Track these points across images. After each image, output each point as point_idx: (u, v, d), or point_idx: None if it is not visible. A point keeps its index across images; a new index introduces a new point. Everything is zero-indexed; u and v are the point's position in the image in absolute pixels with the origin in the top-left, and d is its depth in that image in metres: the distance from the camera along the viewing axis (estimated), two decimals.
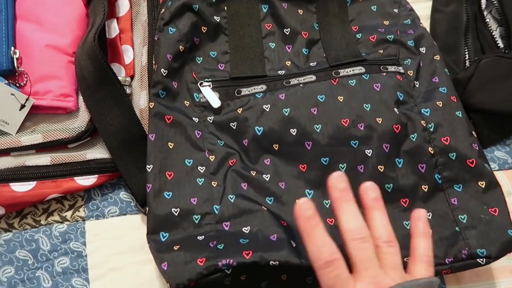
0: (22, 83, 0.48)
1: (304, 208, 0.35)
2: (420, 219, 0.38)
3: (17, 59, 0.48)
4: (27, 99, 0.47)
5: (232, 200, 0.45)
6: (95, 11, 0.50)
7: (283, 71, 0.51)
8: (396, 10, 0.55)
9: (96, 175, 0.48)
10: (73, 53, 0.50)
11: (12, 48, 0.48)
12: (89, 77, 0.47)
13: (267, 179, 0.46)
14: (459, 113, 0.49)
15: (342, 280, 0.34)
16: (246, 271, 0.43)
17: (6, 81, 0.47)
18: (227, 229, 0.44)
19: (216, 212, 0.44)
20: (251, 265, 0.40)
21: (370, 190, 0.37)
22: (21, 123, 0.48)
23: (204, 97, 0.49)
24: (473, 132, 0.48)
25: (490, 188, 0.46)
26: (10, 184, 0.46)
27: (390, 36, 0.53)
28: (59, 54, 0.49)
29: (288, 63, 0.52)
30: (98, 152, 0.49)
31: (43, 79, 0.48)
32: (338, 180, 0.36)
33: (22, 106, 0.47)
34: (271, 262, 0.40)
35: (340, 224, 0.36)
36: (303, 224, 0.35)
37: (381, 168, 0.46)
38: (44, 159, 0.47)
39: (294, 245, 0.42)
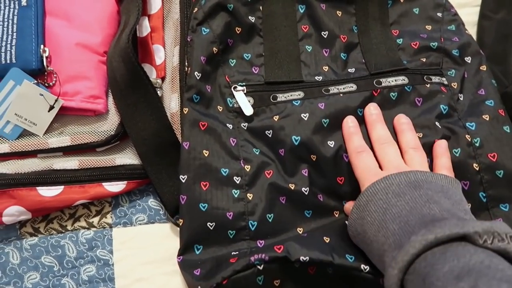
0: (51, 83, 0.46)
1: (350, 121, 0.45)
2: (440, 145, 0.44)
3: (46, 57, 0.46)
4: (56, 100, 0.45)
5: (270, 220, 0.43)
6: (128, 9, 0.47)
7: (320, 77, 0.49)
8: (439, 14, 0.52)
9: (125, 182, 0.46)
10: (104, 52, 0.47)
11: (42, 46, 0.46)
12: (121, 80, 0.45)
13: (306, 193, 0.44)
14: (507, 128, 0.46)
15: (372, 167, 0.42)
16: (279, 274, 0.41)
17: (35, 81, 0.45)
18: (261, 246, 0.42)
19: (252, 229, 0.43)
20: (283, 259, 0.39)
21: (402, 117, 0.45)
22: (49, 125, 0.46)
23: (238, 102, 0.47)
24: None
25: None
26: (38, 188, 0.44)
27: (433, 44, 0.50)
28: (89, 53, 0.47)
29: (326, 68, 0.50)
30: (127, 158, 0.47)
31: (72, 80, 0.46)
32: (373, 107, 0.46)
33: (51, 108, 0.45)
34: (301, 258, 0.39)
35: (370, 137, 0.45)
36: (346, 130, 0.45)
37: None
38: (72, 163, 0.45)
39: (327, 241, 0.41)
